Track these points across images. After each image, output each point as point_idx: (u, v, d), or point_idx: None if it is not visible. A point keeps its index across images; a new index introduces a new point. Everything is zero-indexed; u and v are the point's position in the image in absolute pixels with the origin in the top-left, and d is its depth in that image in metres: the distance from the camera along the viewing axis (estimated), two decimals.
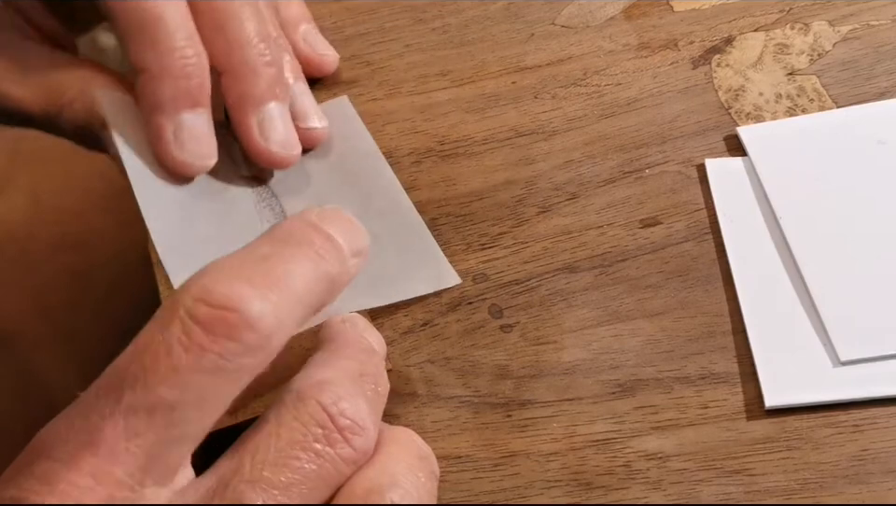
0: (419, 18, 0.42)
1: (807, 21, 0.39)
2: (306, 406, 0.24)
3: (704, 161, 0.36)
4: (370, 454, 0.25)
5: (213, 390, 0.23)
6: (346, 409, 0.24)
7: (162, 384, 0.22)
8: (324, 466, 0.24)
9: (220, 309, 0.22)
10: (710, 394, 0.31)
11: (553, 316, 0.33)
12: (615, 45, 0.40)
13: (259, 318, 0.23)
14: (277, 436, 0.24)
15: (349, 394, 0.25)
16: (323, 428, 0.24)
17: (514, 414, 0.32)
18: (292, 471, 0.23)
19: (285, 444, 0.23)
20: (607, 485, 0.30)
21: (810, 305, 0.32)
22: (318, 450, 0.24)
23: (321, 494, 0.24)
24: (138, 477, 0.22)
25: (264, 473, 0.23)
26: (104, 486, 0.22)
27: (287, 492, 0.23)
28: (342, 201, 0.35)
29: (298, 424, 0.24)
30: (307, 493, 0.23)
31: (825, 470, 0.29)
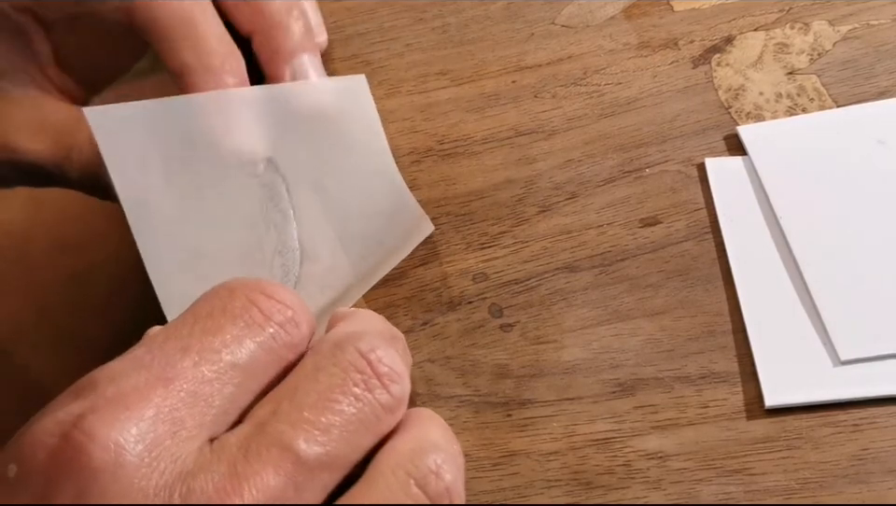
0: (419, 18, 0.42)
1: (807, 20, 0.39)
2: (344, 352, 0.25)
3: (704, 161, 0.36)
4: (405, 404, 0.25)
5: (262, 366, 0.25)
6: (383, 357, 0.25)
7: (228, 344, 0.24)
8: (363, 410, 0.24)
9: (278, 302, 0.26)
10: (710, 393, 0.31)
11: (553, 315, 0.33)
12: (615, 44, 0.40)
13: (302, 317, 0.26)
14: (316, 380, 0.24)
15: (384, 344, 0.26)
16: (361, 373, 0.24)
17: (514, 414, 0.32)
18: (332, 414, 0.24)
19: (324, 388, 0.24)
20: (607, 485, 0.30)
21: (810, 305, 0.32)
22: (357, 394, 0.24)
23: (360, 439, 0.24)
24: (198, 422, 0.23)
25: (304, 414, 0.23)
26: (170, 423, 0.23)
27: (327, 433, 0.23)
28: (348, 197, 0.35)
29: (337, 369, 0.24)
30: (347, 436, 0.24)
31: (825, 470, 0.29)
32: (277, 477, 0.22)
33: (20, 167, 0.36)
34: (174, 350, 0.24)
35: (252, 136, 0.34)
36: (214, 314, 0.25)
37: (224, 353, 0.24)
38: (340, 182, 0.35)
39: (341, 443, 0.23)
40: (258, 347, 0.25)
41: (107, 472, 0.21)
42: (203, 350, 0.24)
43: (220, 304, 0.25)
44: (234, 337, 0.24)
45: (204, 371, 0.24)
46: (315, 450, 0.23)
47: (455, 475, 0.24)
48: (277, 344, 0.25)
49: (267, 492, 0.22)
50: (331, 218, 0.34)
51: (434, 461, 0.24)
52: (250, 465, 0.23)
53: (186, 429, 0.23)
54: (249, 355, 0.24)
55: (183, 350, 0.24)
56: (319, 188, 0.35)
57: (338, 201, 0.35)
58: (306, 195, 0.35)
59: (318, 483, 0.23)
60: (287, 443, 0.23)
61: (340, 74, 0.40)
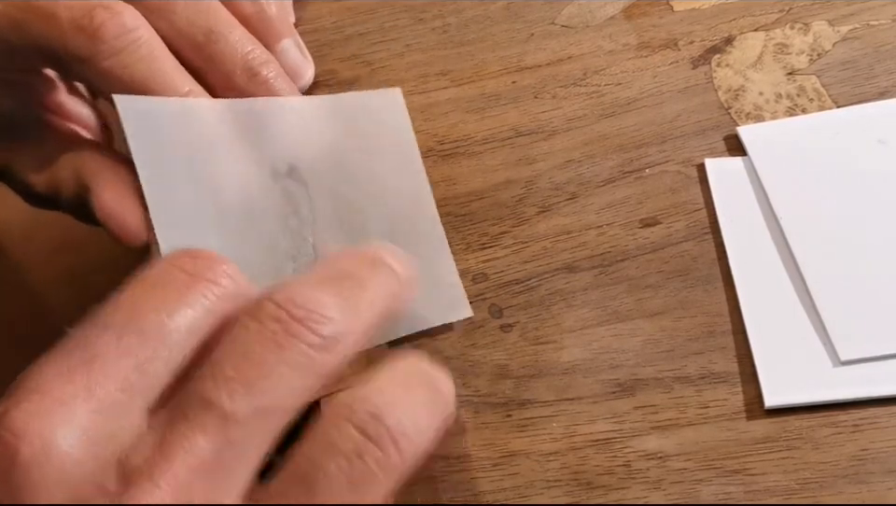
0: (419, 18, 0.42)
1: (807, 20, 0.39)
2: (260, 308, 0.24)
3: (704, 161, 0.36)
4: (342, 340, 0.25)
5: (195, 322, 0.24)
6: (304, 301, 0.24)
7: (151, 311, 0.24)
8: (287, 355, 0.23)
9: (202, 259, 0.25)
10: (710, 394, 0.31)
11: (553, 315, 0.33)
12: (615, 45, 0.40)
13: (234, 267, 0.25)
14: (234, 339, 0.24)
15: (309, 290, 0.25)
16: (279, 322, 0.24)
17: (514, 414, 0.32)
18: (253, 365, 0.23)
19: (242, 343, 0.24)
20: (607, 485, 0.30)
21: (810, 305, 0.32)
22: (279, 341, 0.24)
23: (294, 382, 0.24)
24: (128, 393, 0.23)
25: (226, 371, 0.23)
26: (95, 400, 0.22)
27: (252, 386, 0.23)
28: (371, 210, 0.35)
29: (254, 323, 0.24)
30: (274, 383, 0.23)
31: (825, 470, 0.29)
32: (206, 437, 0.22)
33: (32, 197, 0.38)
34: (94, 331, 0.24)
35: (278, 142, 0.34)
36: (134, 288, 0.25)
37: (147, 321, 0.24)
38: (364, 194, 0.35)
39: (269, 391, 0.23)
40: (185, 308, 0.24)
41: (36, 466, 0.21)
42: (125, 322, 0.24)
43: (141, 277, 0.25)
44: (158, 303, 0.24)
45: (129, 342, 0.23)
46: (240, 403, 0.23)
47: (402, 418, 0.24)
48: (210, 299, 0.25)
49: (200, 454, 0.22)
50: (350, 229, 0.34)
51: (374, 405, 0.24)
52: (178, 430, 0.22)
53: (115, 405, 0.23)
54: (176, 318, 0.24)
55: (104, 327, 0.24)
56: (340, 197, 0.35)
57: (359, 213, 0.35)
58: (326, 203, 0.34)
59: (257, 433, 0.23)
60: (211, 401, 0.23)
61: (340, 74, 0.40)
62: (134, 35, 0.32)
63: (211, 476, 0.22)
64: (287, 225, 0.34)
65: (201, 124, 0.33)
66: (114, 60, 0.32)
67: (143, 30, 0.32)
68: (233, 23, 0.35)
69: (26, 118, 0.38)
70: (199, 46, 0.34)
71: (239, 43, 0.34)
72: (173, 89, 0.33)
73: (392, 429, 0.24)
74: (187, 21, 0.34)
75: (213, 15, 0.34)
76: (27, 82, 0.38)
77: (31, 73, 0.38)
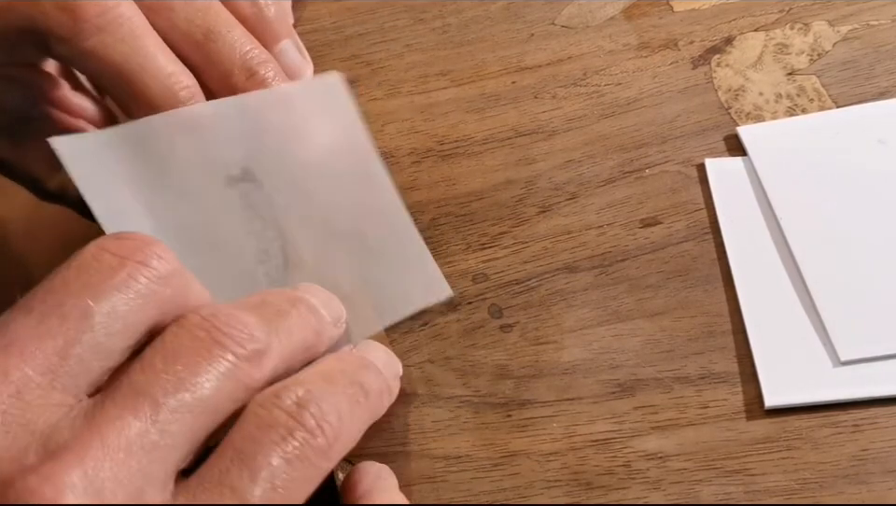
0: (419, 18, 0.42)
1: (807, 20, 0.39)
2: (186, 318, 0.25)
3: (704, 161, 0.36)
4: (266, 355, 0.25)
5: (122, 306, 0.24)
6: (228, 318, 0.25)
7: (75, 294, 0.24)
8: (214, 360, 0.24)
9: (130, 241, 0.25)
10: (710, 394, 0.31)
11: (553, 315, 0.33)
12: (615, 45, 0.40)
13: (164, 248, 0.25)
14: (163, 342, 0.25)
15: (231, 309, 0.26)
16: (206, 331, 0.25)
17: (514, 414, 0.32)
18: (184, 364, 0.24)
19: (169, 345, 0.24)
20: (607, 485, 0.30)
21: (810, 305, 0.32)
22: (207, 347, 0.24)
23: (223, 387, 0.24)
24: (48, 377, 0.23)
25: (156, 366, 0.24)
26: (12, 383, 0.22)
27: (182, 381, 0.24)
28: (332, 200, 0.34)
29: (182, 330, 0.25)
30: (205, 382, 0.24)
31: (825, 470, 0.29)
32: (138, 420, 0.23)
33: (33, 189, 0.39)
34: (16, 316, 0.24)
35: (225, 148, 0.34)
36: (61, 271, 0.25)
37: (69, 305, 0.24)
38: (321, 186, 0.34)
39: (198, 389, 0.24)
40: (112, 291, 0.24)
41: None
42: (46, 308, 0.23)
43: (68, 262, 0.25)
44: (82, 286, 0.24)
45: (50, 326, 0.23)
46: (171, 396, 0.23)
47: (324, 407, 0.25)
48: (140, 282, 0.25)
49: (129, 432, 0.22)
50: (313, 223, 0.34)
51: (295, 393, 0.25)
52: (108, 411, 0.23)
53: (35, 388, 0.23)
54: (102, 301, 0.24)
55: (26, 311, 0.24)
56: (298, 192, 0.34)
57: (320, 205, 0.34)
58: (285, 199, 0.34)
59: (186, 425, 0.23)
60: (143, 391, 0.23)
61: None
62: (115, 13, 0.32)
63: (142, 455, 0.22)
64: (250, 229, 0.34)
65: (146, 147, 0.33)
66: (95, 39, 0.32)
67: (124, 7, 0.32)
68: (233, 23, 0.35)
69: (30, 114, 0.38)
70: (197, 44, 0.34)
71: (238, 42, 0.34)
72: (155, 68, 0.32)
73: (315, 416, 0.24)
74: (186, 19, 0.34)
75: (212, 14, 0.34)
76: (30, 78, 0.38)
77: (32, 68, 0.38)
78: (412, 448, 0.32)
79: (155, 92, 0.32)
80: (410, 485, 0.31)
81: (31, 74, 0.38)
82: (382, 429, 0.32)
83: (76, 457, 0.22)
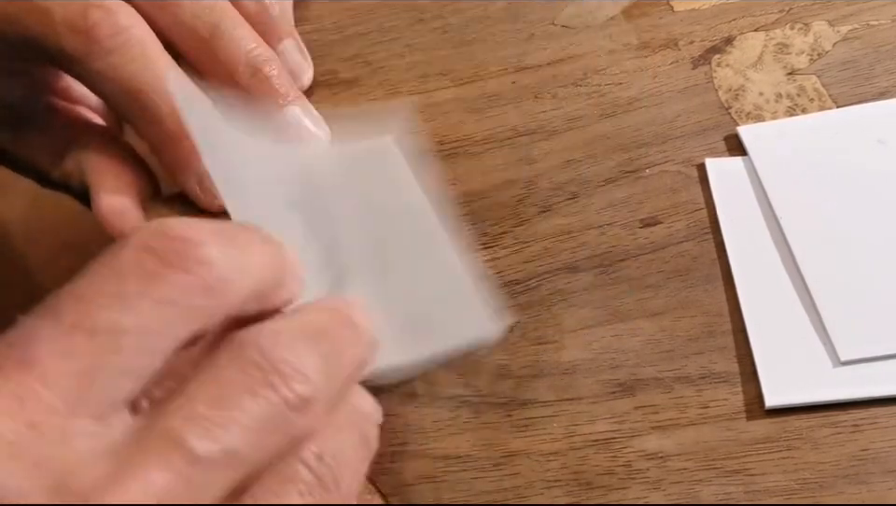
0: (419, 18, 0.42)
1: (807, 20, 0.39)
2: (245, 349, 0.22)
3: (704, 161, 0.36)
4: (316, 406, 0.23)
5: (159, 322, 0.21)
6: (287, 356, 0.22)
7: (107, 307, 0.21)
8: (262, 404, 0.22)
9: (176, 241, 0.22)
10: (710, 394, 0.31)
11: (554, 315, 0.33)
12: (615, 45, 0.40)
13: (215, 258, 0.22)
14: (213, 375, 0.22)
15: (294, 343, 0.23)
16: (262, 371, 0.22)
17: (514, 414, 0.32)
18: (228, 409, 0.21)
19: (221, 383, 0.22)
20: (607, 485, 0.30)
21: (810, 305, 0.32)
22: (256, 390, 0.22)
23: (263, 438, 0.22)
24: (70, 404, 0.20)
25: (199, 409, 0.21)
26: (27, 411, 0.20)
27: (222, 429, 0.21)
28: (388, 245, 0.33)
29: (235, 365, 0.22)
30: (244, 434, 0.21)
31: (825, 470, 0.29)
32: (164, 473, 0.20)
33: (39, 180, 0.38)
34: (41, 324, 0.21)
35: (285, 179, 0.33)
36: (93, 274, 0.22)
37: (102, 317, 0.21)
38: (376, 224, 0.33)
39: (238, 441, 0.21)
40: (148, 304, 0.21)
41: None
42: (75, 318, 0.21)
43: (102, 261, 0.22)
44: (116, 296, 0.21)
45: (77, 341, 0.20)
46: (207, 446, 0.21)
47: (342, 471, 0.23)
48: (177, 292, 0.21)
49: (153, 488, 0.20)
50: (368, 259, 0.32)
51: (313, 452, 0.23)
52: (136, 463, 0.20)
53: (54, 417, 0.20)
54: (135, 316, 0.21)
55: (53, 321, 0.21)
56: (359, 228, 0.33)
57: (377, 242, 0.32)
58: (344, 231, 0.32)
59: (214, 481, 0.21)
60: (178, 437, 0.20)
61: (340, 74, 0.40)
62: (127, 35, 0.32)
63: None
64: (307, 251, 0.31)
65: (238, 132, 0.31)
66: (107, 60, 0.32)
67: (136, 29, 0.32)
68: (238, 20, 0.35)
69: (34, 105, 0.38)
70: (203, 41, 0.34)
71: (243, 40, 0.35)
72: (165, 89, 0.32)
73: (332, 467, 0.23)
74: (192, 15, 0.34)
75: (218, 11, 0.35)
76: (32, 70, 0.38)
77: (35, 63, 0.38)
78: (412, 448, 0.32)
79: (165, 112, 0.32)
80: (410, 485, 0.31)
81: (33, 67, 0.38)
82: (382, 429, 0.32)
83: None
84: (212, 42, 0.34)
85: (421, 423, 0.32)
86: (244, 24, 0.35)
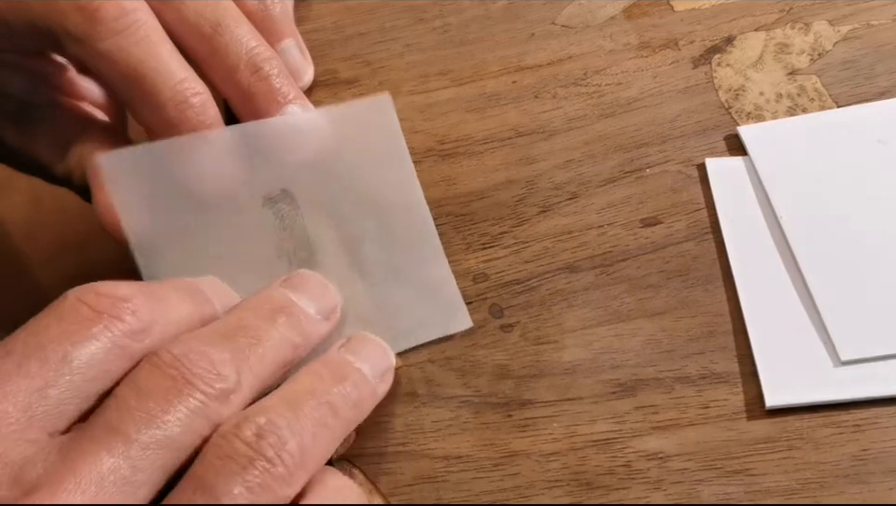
0: (419, 18, 0.42)
1: (808, 20, 0.39)
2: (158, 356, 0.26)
3: (704, 161, 0.36)
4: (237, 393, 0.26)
5: (100, 354, 0.26)
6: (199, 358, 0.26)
7: (56, 340, 0.25)
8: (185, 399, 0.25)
9: (106, 297, 0.26)
10: (711, 394, 0.31)
11: (554, 315, 0.33)
12: (615, 44, 0.40)
13: (138, 305, 0.27)
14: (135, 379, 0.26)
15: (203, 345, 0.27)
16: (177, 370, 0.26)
17: (515, 414, 0.32)
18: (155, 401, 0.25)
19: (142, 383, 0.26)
20: (607, 485, 0.30)
21: (810, 305, 0.32)
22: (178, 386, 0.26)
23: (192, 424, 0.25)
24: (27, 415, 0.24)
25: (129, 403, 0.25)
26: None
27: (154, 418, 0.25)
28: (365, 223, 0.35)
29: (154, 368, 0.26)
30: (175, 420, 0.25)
31: (826, 470, 0.29)
32: (111, 456, 0.24)
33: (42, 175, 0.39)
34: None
35: (267, 169, 0.34)
36: (41, 318, 0.26)
37: (49, 349, 0.25)
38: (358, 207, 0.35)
39: (169, 426, 0.25)
40: (89, 340, 0.25)
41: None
42: (27, 350, 0.25)
43: (50, 310, 0.26)
44: (62, 333, 0.25)
45: (30, 368, 0.24)
46: (143, 432, 0.24)
47: (285, 436, 0.25)
48: (113, 333, 0.26)
49: (103, 468, 0.23)
50: (345, 243, 0.34)
51: (255, 424, 0.25)
52: (83, 447, 0.24)
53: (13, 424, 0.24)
54: (80, 348, 0.25)
55: (7, 353, 0.25)
56: (334, 214, 0.34)
57: (353, 226, 0.34)
58: (321, 221, 0.34)
59: (157, 461, 0.24)
60: (116, 428, 0.24)
61: (340, 74, 0.40)
62: (133, 18, 0.32)
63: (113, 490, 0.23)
64: (282, 247, 0.34)
65: (183, 166, 0.33)
66: (111, 42, 0.32)
67: (141, 13, 0.32)
68: (241, 18, 0.35)
69: (36, 100, 0.38)
70: (205, 37, 0.34)
71: (245, 38, 0.35)
72: (167, 73, 0.32)
73: (274, 446, 0.25)
74: (195, 11, 0.34)
75: (221, 8, 0.34)
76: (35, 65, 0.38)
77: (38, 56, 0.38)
78: (412, 448, 0.32)
79: (166, 97, 0.32)
80: (410, 485, 0.31)
81: (36, 61, 0.38)
82: (382, 429, 0.32)
83: (49, 493, 0.23)
84: (214, 39, 0.34)
85: (421, 423, 0.32)
86: (246, 23, 0.35)
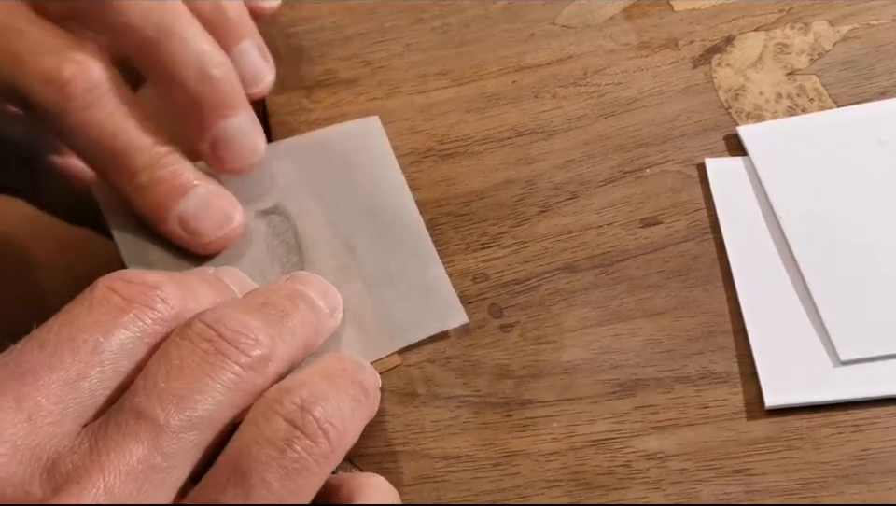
0: (419, 18, 0.42)
1: (807, 20, 0.39)
2: (191, 327, 0.26)
3: (704, 161, 0.36)
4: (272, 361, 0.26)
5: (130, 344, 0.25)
6: (233, 323, 0.26)
7: (86, 330, 0.25)
8: (217, 372, 0.25)
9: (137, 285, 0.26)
10: (710, 394, 0.31)
11: (553, 315, 0.33)
12: (615, 44, 0.40)
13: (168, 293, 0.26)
14: (166, 354, 0.25)
15: (236, 312, 0.26)
16: (210, 341, 0.25)
17: (514, 414, 0.32)
18: (185, 379, 0.24)
19: (174, 359, 0.25)
20: (607, 485, 0.30)
21: (810, 305, 0.32)
22: (209, 359, 0.25)
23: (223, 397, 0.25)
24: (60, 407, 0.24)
25: (158, 385, 0.24)
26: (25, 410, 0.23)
27: (183, 399, 0.24)
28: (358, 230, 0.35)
29: (185, 341, 0.25)
30: (207, 397, 0.25)
31: (825, 470, 0.29)
32: (139, 445, 0.23)
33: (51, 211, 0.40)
34: (31, 347, 0.25)
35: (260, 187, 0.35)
36: (72, 308, 0.26)
37: (80, 340, 0.25)
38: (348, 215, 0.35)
39: (200, 404, 0.24)
40: (120, 329, 0.25)
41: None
42: (59, 341, 0.25)
43: (80, 299, 0.26)
44: (93, 323, 0.25)
45: (61, 358, 0.24)
46: (172, 414, 0.24)
47: (328, 409, 0.25)
48: (144, 322, 0.26)
49: (131, 460, 0.23)
50: (336, 249, 0.35)
51: (299, 396, 0.25)
52: (110, 438, 0.23)
53: (45, 416, 0.24)
54: (111, 338, 0.25)
55: (41, 345, 0.25)
56: (326, 223, 0.35)
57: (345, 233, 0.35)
58: (312, 229, 0.35)
59: (187, 443, 0.24)
60: (143, 412, 0.24)
61: (340, 74, 0.40)
62: (104, 89, 0.31)
63: (141, 481, 0.23)
64: (274, 254, 0.34)
65: None
66: (83, 116, 0.31)
67: (111, 81, 0.32)
68: (190, 21, 0.33)
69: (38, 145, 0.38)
70: (151, 42, 0.32)
71: (193, 41, 0.32)
72: (138, 143, 0.32)
73: (319, 420, 0.25)
74: (141, 16, 0.32)
75: (169, 11, 0.32)
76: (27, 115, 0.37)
77: None
78: (412, 448, 0.32)
79: (141, 164, 0.32)
80: (409, 485, 0.31)
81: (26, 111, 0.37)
82: (382, 429, 0.32)
83: (77, 489, 0.22)
84: (160, 44, 0.32)
85: (421, 423, 0.32)
86: (195, 24, 0.33)
